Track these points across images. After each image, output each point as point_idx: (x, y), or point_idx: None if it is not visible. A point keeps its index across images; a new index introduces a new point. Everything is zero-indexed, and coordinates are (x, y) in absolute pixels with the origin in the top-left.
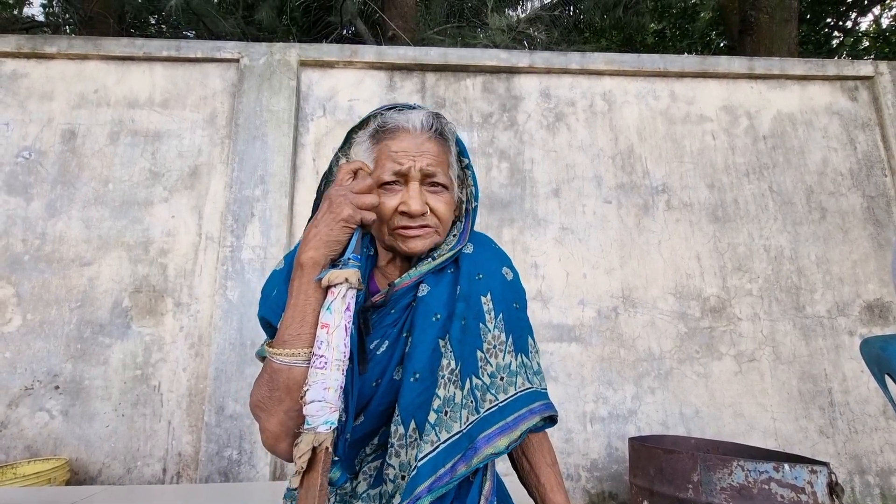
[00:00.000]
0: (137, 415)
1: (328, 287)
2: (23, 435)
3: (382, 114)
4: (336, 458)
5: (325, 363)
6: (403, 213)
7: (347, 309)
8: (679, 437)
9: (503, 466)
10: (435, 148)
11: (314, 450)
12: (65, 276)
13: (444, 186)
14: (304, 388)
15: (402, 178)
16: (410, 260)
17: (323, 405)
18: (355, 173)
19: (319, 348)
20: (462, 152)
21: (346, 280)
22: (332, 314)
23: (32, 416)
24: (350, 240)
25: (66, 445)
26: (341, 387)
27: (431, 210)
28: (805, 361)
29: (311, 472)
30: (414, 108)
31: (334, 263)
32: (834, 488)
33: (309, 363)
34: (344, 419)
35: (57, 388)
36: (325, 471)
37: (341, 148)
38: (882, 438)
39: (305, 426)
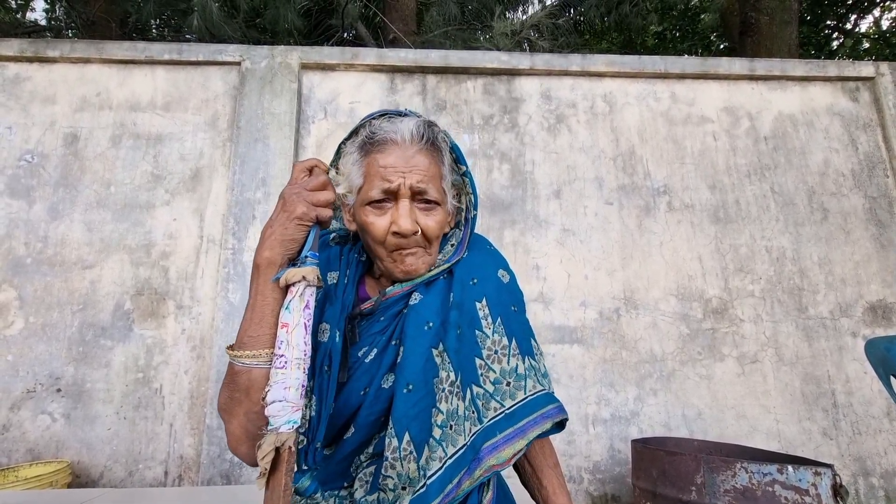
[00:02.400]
0: (139, 417)
1: (287, 286)
2: (25, 438)
3: (371, 123)
4: (306, 468)
5: (286, 363)
6: (395, 233)
7: (306, 307)
8: (682, 438)
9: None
10: (426, 161)
11: (278, 450)
12: (67, 278)
13: (436, 202)
14: (266, 389)
15: (392, 195)
16: None
17: (284, 405)
18: (310, 170)
19: (280, 348)
20: (459, 159)
21: (304, 278)
22: (291, 313)
23: (34, 418)
24: (307, 238)
25: (67, 448)
26: (303, 385)
27: (421, 228)
28: (808, 363)
29: (275, 473)
30: (405, 115)
31: (292, 262)
32: (838, 490)
33: (269, 364)
34: (317, 426)
35: (59, 390)
36: (290, 471)
37: (333, 160)
38: (886, 440)
39: (268, 427)
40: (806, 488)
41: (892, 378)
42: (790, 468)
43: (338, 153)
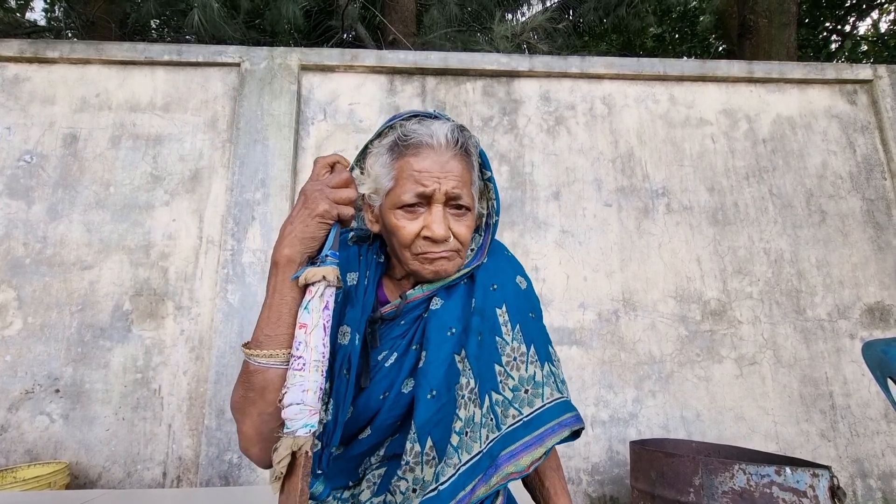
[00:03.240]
0: (138, 418)
1: (306, 286)
2: (23, 439)
3: (403, 124)
4: (319, 472)
5: (304, 364)
6: (427, 238)
7: (326, 308)
8: (680, 440)
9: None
10: (459, 167)
11: (294, 454)
12: (66, 279)
13: (468, 208)
14: (283, 391)
15: (426, 199)
16: None
17: (302, 408)
18: (332, 167)
19: (297, 349)
20: (485, 164)
21: (324, 278)
22: (310, 313)
23: (33, 419)
24: (328, 236)
25: (66, 449)
26: (321, 388)
27: (454, 234)
28: (806, 365)
29: (291, 478)
30: (436, 117)
31: (312, 261)
32: (836, 492)
33: (285, 365)
34: (333, 430)
35: (57, 391)
36: (306, 475)
37: (357, 159)
38: (884, 442)
39: (284, 430)
40: (804, 490)
41: (889, 380)
42: (788, 470)
43: (363, 152)
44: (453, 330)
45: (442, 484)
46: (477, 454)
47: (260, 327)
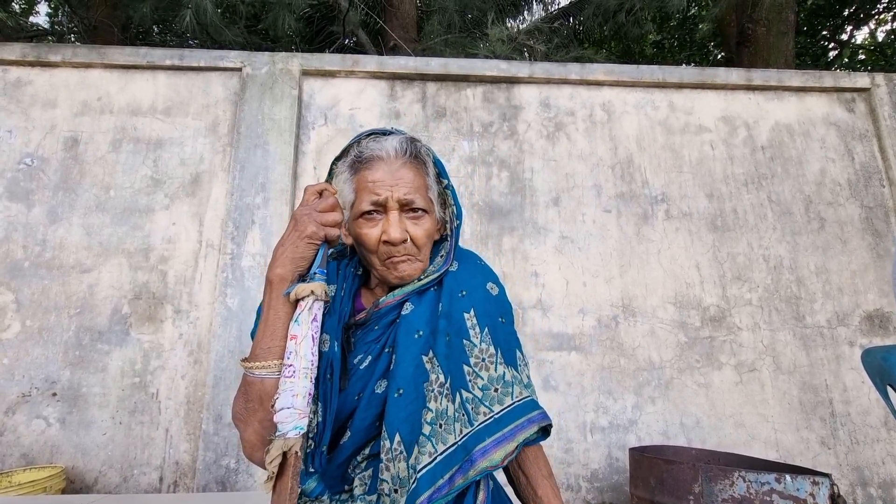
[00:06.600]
0: (135, 422)
1: (297, 301)
2: (19, 442)
3: (359, 143)
4: (312, 470)
5: (294, 372)
6: (386, 243)
7: (314, 320)
8: (680, 447)
9: (502, 478)
10: (410, 174)
11: (285, 455)
12: (64, 282)
13: (424, 210)
14: (275, 397)
15: (381, 207)
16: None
17: (292, 412)
18: (321, 193)
19: (288, 358)
20: (441, 173)
21: (312, 293)
22: (300, 325)
23: (29, 423)
24: (316, 255)
25: (62, 453)
26: (310, 394)
27: (410, 237)
28: (805, 372)
29: (282, 477)
30: (390, 133)
31: (303, 278)
32: (836, 500)
33: (279, 374)
34: (322, 430)
35: (54, 395)
36: (296, 474)
37: (326, 179)
38: (884, 450)
39: (276, 433)
40: (804, 498)
41: (889, 388)
42: (788, 477)
43: (330, 173)
44: (420, 333)
45: (420, 472)
46: (452, 445)
47: (257, 342)
